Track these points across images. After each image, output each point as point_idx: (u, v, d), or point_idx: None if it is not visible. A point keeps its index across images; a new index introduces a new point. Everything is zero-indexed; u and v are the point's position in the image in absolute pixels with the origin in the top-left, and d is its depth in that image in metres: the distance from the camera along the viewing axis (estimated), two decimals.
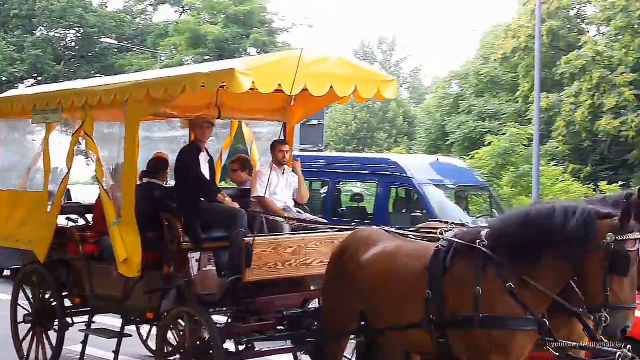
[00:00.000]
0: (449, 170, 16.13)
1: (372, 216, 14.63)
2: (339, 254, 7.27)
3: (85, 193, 14.69)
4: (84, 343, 9.37)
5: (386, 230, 7.34)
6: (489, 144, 31.28)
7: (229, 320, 8.21)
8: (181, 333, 8.21)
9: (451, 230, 6.80)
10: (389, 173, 14.91)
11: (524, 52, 37.74)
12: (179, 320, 8.20)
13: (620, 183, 30.79)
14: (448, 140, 40.14)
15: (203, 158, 8.72)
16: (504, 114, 38.54)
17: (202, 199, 8.45)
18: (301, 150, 18.93)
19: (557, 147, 35.31)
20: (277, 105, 9.54)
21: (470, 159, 31.11)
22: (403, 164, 15.08)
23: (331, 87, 8.17)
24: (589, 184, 31.70)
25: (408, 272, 6.56)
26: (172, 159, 9.39)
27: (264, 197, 8.59)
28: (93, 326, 9.48)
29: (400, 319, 6.52)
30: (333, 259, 7.36)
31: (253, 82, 7.42)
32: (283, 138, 9.50)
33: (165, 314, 8.35)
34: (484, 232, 6.36)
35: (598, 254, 5.69)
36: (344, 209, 15.80)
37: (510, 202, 29.26)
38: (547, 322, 6.04)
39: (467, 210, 15.67)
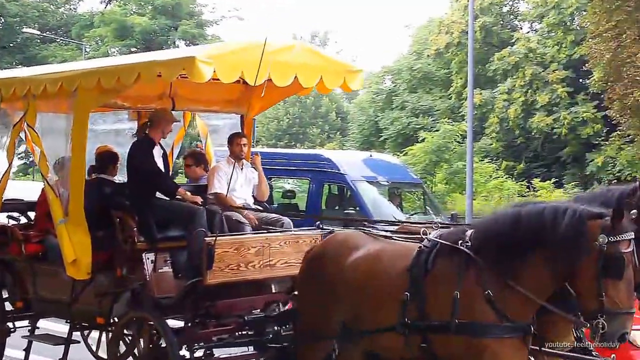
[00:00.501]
0: (382, 166, 16.13)
1: (304, 213, 14.42)
2: (317, 258, 6.90)
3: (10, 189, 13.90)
4: (27, 350, 8.87)
5: (366, 233, 7.03)
6: (423, 140, 31.40)
7: (188, 325, 7.73)
8: (134, 339, 7.78)
9: (436, 230, 6.53)
10: (321, 169, 14.89)
11: (457, 47, 38.02)
12: (133, 326, 7.74)
13: (553, 180, 31.25)
14: (381, 136, 40.22)
15: (157, 152, 8.25)
16: (437, 110, 38.76)
17: (157, 195, 7.99)
18: None
19: (491, 144, 35.70)
20: (234, 96, 9.16)
21: (404, 155, 31.22)
22: (336, 160, 15.04)
23: (295, 77, 7.79)
24: (522, 180, 32.16)
25: (390, 274, 6.29)
26: (119, 152, 8.92)
27: (222, 194, 8.13)
28: (37, 332, 9.00)
29: (381, 321, 6.24)
30: (309, 263, 6.99)
31: (214, 71, 7.01)
32: (241, 131, 9.08)
33: (117, 319, 7.87)
34: (469, 232, 6.09)
35: (590, 257, 5.42)
36: (276, 205, 15.54)
37: (444, 198, 29.49)
38: (532, 328, 5.78)
39: (401, 207, 15.82)
